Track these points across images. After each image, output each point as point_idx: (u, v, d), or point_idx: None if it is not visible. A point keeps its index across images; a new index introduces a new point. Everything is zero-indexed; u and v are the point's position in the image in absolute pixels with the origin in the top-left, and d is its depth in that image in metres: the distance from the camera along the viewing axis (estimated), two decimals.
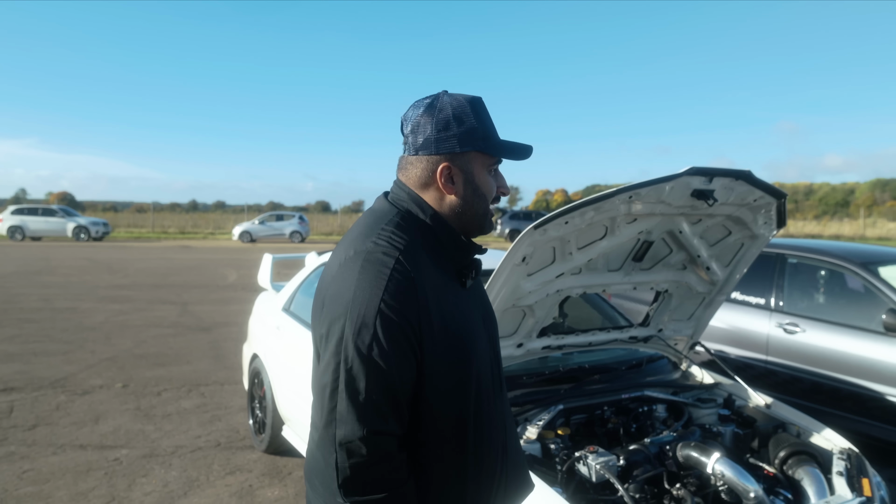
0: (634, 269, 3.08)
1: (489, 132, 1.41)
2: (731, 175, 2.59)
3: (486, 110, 1.43)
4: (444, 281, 1.39)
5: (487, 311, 1.59)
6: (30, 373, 6.57)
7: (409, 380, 1.29)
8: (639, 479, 2.51)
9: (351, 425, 1.23)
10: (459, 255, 1.45)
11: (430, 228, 1.41)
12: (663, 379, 3.41)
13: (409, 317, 1.27)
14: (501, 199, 1.48)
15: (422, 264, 1.34)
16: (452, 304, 1.38)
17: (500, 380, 1.55)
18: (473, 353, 1.41)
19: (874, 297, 4.67)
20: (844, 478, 2.65)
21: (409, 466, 1.33)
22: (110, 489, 3.99)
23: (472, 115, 1.39)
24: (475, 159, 1.41)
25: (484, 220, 1.45)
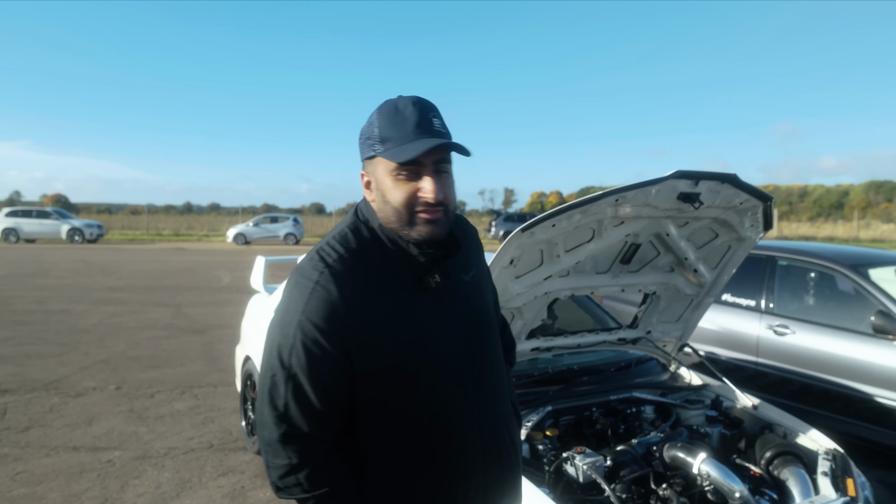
0: (622, 272, 3.11)
1: (389, 136, 1.35)
2: (716, 178, 2.62)
3: (399, 113, 1.36)
4: (392, 286, 1.40)
5: (471, 311, 1.53)
6: (23, 375, 6.57)
7: (335, 389, 1.36)
8: (625, 480, 2.54)
9: (270, 429, 1.35)
10: (409, 259, 1.42)
11: (376, 234, 1.44)
12: (652, 380, 3.43)
13: (331, 329, 1.32)
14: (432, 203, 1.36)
15: (355, 274, 1.37)
16: (395, 311, 1.38)
17: (485, 381, 1.51)
18: (423, 359, 1.40)
19: (863, 300, 4.71)
20: (829, 478, 2.68)
21: (345, 472, 1.40)
22: (103, 490, 3.99)
23: (376, 120, 1.39)
24: (379, 164, 1.39)
25: (405, 224, 1.38)
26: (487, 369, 1.53)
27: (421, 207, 1.36)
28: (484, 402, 1.51)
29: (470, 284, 1.55)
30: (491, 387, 1.54)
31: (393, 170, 1.35)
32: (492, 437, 1.52)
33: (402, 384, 1.39)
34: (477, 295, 1.57)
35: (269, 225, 32.60)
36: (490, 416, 1.52)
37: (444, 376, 1.43)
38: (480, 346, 1.53)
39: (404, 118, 1.35)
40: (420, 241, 1.39)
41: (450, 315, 1.47)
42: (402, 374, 1.38)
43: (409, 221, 1.37)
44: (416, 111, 1.35)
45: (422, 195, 1.36)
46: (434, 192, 1.35)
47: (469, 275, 1.55)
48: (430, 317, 1.43)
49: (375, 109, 1.41)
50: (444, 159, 1.38)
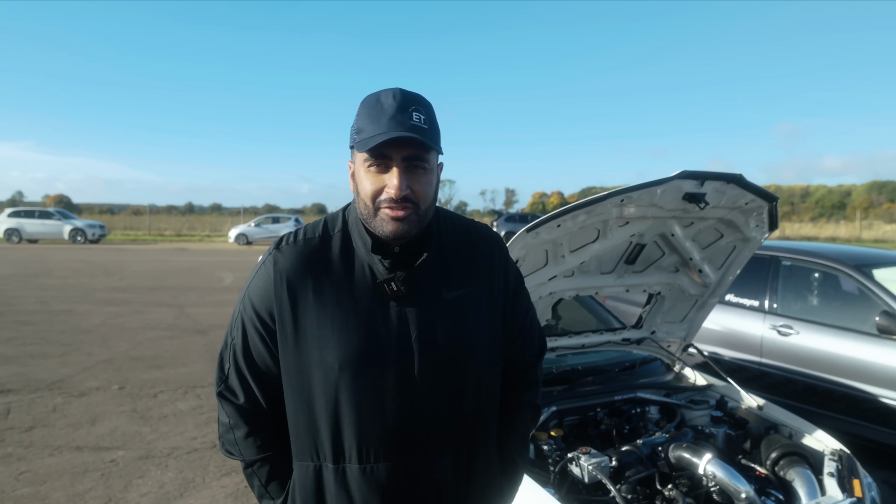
0: (627, 272, 3.10)
1: (364, 127, 1.32)
2: (722, 178, 2.61)
3: (377, 104, 1.32)
4: (338, 283, 1.38)
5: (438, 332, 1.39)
6: (27, 375, 6.58)
7: (264, 364, 1.43)
8: (631, 480, 2.53)
9: (215, 386, 1.49)
10: (370, 259, 1.39)
11: (348, 228, 1.45)
12: (656, 381, 3.43)
13: (264, 307, 1.40)
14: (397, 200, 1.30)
15: (300, 261, 1.39)
16: (334, 307, 1.36)
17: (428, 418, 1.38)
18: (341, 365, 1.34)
19: (868, 300, 4.70)
20: (835, 479, 2.67)
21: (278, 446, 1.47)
22: (107, 490, 3.99)
23: (358, 110, 1.37)
24: (356, 156, 1.37)
25: (371, 219, 1.35)
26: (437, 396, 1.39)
27: (385, 203, 1.31)
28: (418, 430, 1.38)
29: (451, 303, 1.41)
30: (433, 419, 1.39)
31: (364, 161, 1.32)
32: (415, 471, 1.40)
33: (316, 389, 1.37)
34: (456, 316, 1.41)
35: (271, 225, 32.62)
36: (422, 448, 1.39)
37: (370, 398, 1.35)
38: (434, 370, 1.38)
39: (382, 110, 1.30)
40: (385, 237, 1.34)
41: (403, 330, 1.37)
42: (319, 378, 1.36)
43: (374, 215, 1.34)
44: (395, 103, 1.30)
45: (386, 190, 1.31)
46: (396, 188, 1.29)
47: (455, 293, 1.42)
48: (374, 327, 1.36)
49: (362, 101, 1.38)
50: (416, 156, 1.31)
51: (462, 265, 1.45)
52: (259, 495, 1.50)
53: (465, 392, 1.42)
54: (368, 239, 1.38)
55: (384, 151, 1.29)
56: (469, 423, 1.44)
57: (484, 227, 1.56)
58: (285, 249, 1.41)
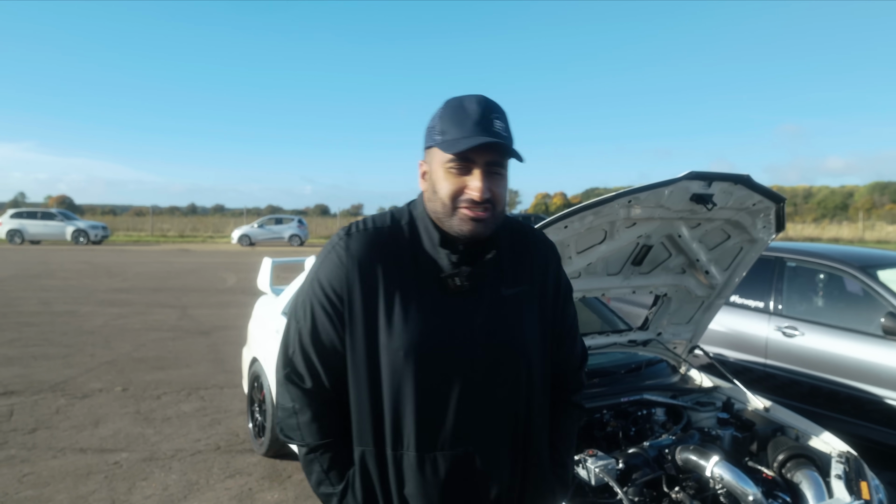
0: (633, 273, 3.09)
1: (448, 129, 1.37)
2: (729, 179, 2.60)
3: (462, 109, 1.37)
4: (406, 273, 1.41)
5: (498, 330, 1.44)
6: (29, 376, 6.57)
7: (332, 348, 1.43)
8: (638, 483, 2.52)
9: (279, 370, 1.49)
10: (436, 253, 1.42)
11: (415, 223, 1.47)
12: (662, 382, 3.41)
13: (335, 292, 1.41)
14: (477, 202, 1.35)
15: (371, 249, 1.42)
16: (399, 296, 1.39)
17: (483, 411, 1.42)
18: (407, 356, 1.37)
19: (873, 301, 4.68)
20: (843, 481, 2.66)
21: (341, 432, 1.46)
22: (110, 493, 3.99)
23: (440, 112, 1.41)
24: (435, 155, 1.40)
25: (447, 218, 1.39)
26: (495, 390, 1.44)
27: (465, 204, 1.36)
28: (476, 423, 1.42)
29: (509, 300, 1.47)
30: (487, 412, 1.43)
31: (446, 162, 1.36)
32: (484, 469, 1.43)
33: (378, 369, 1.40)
34: (513, 313, 1.47)
35: (274, 226, 32.66)
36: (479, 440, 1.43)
37: (433, 387, 1.39)
38: (492, 364, 1.43)
39: (466, 114, 1.36)
40: (462, 236, 1.39)
41: (465, 324, 1.41)
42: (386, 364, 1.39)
43: (451, 214, 1.38)
44: (479, 109, 1.36)
45: (468, 191, 1.36)
46: (480, 190, 1.34)
47: (513, 290, 1.48)
48: (439, 319, 1.40)
49: (443, 104, 1.43)
50: (497, 161, 1.37)
51: (518, 265, 1.51)
52: (318, 482, 1.48)
53: (520, 388, 1.47)
54: (436, 234, 1.43)
55: (469, 155, 1.34)
56: (523, 420, 1.48)
57: (540, 233, 1.64)
58: (356, 236, 1.44)
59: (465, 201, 1.36)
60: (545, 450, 1.56)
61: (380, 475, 1.43)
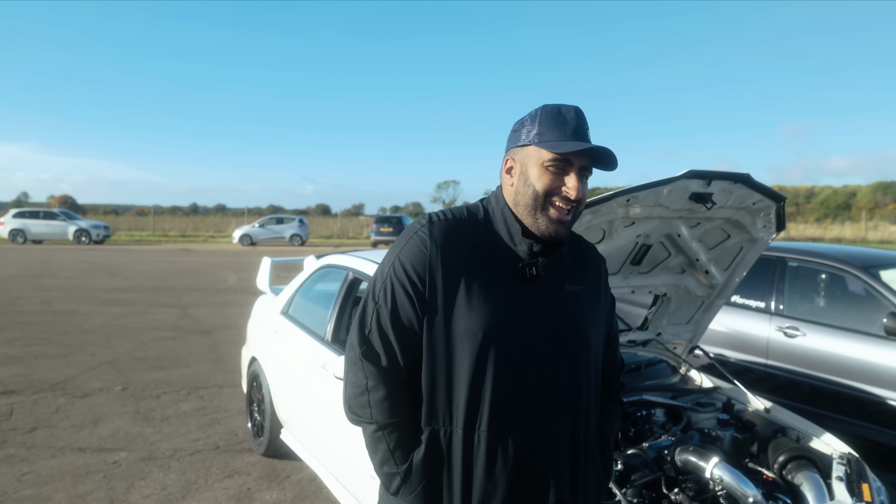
0: (633, 273, 3.07)
1: (549, 131, 1.47)
2: (729, 178, 2.58)
3: (561, 115, 1.48)
4: (486, 261, 1.49)
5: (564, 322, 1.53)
6: (30, 375, 6.57)
7: (411, 329, 1.49)
8: (637, 484, 2.51)
9: (353, 349, 1.53)
10: (513, 244, 1.51)
11: (491, 217, 1.56)
12: (662, 383, 3.40)
13: (417, 274, 1.48)
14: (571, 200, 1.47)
15: (454, 237, 1.50)
16: (480, 283, 1.46)
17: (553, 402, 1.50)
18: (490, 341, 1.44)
19: (875, 301, 4.66)
20: (844, 483, 2.64)
21: (410, 412, 1.51)
22: (109, 492, 3.98)
23: (539, 115, 1.50)
24: (532, 153, 1.49)
25: (535, 214, 1.48)
26: (558, 380, 1.51)
27: (558, 201, 1.47)
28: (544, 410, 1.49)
29: (573, 296, 1.56)
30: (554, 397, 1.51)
31: (546, 160, 1.46)
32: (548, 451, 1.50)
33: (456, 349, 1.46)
34: (577, 309, 1.57)
35: (275, 226, 32.67)
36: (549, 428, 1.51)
37: (503, 361, 1.46)
38: (560, 359, 1.51)
39: (566, 120, 1.47)
40: (544, 234, 1.49)
41: (535, 310, 1.50)
42: (459, 338, 1.45)
43: (542, 210, 1.48)
44: (577, 118, 1.48)
45: (565, 190, 1.47)
46: (576, 189, 1.46)
47: (575, 287, 1.57)
48: (514, 305, 1.48)
49: (540, 107, 1.52)
50: (588, 167, 1.49)
51: (578, 266, 1.62)
52: (382, 461, 1.52)
53: (582, 378, 1.56)
54: (517, 225, 1.52)
55: (570, 157, 1.45)
56: (584, 408, 1.57)
57: (593, 247, 1.75)
58: (438, 224, 1.52)
59: (559, 198, 1.47)
60: (596, 441, 1.65)
61: (448, 455, 1.48)
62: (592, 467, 1.61)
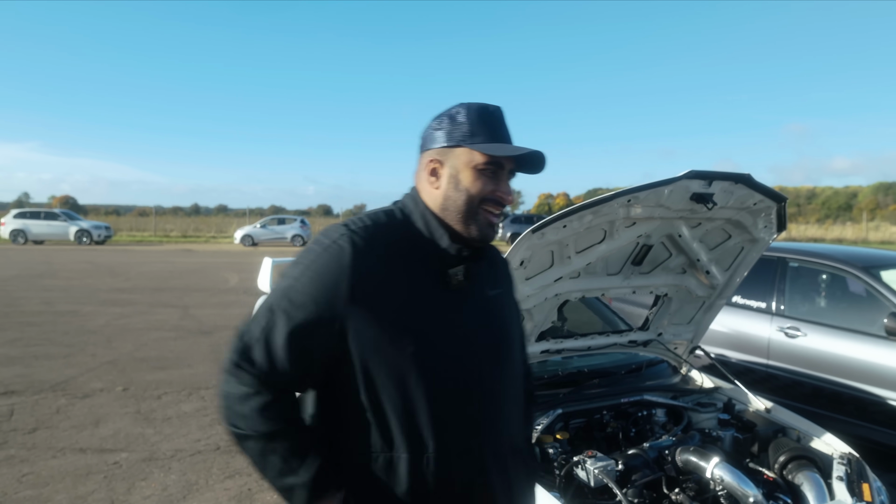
0: (634, 273, 3.07)
1: (480, 132, 1.39)
2: (730, 178, 2.58)
3: (490, 115, 1.42)
4: (411, 271, 1.38)
5: (491, 326, 1.48)
6: (30, 376, 6.57)
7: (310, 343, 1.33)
8: (637, 484, 2.50)
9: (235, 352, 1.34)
10: (437, 250, 1.42)
11: (413, 222, 1.45)
12: (663, 383, 3.40)
13: (333, 285, 1.32)
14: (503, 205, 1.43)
15: (375, 246, 1.36)
16: (408, 294, 1.36)
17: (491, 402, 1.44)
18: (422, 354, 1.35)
19: (876, 301, 4.65)
20: (844, 483, 2.63)
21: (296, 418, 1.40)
22: (109, 493, 3.98)
23: (465, 113, 1.41)
24: (462, 155, 1.40)
25: (468, 220, 1.41)
26: (496, 388, 1.47)
27: (490, 205, 1.42)
28: (487, 424, 1.44)
29: (494, 299, 1.52)
30: (497, 408, 1.46)
31: (479, 163, 1.39)
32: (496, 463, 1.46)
33: (393, 367, 1.34)
34: (500, 314, 1.53)
35: (277, 226, 32.68)
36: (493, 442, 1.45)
37: (443, 377, 1.37)
38: (493, 362, 1.46)
39: (495, 120, 1.42)
40: (475, 239, 1.43)
41: (466, 318, 1.43)
42: (396, 359, 1.34)
43: (473, 215, 1.41)
44: (502, 119, 1.44)
45: (499, 194, 1.41)
46: (509, 193, 1.43)
47: (495, 291, 1.53)
48: (444, 313, 1.40)
49: (460, 105, 1.44)
50: (514, 170, 1.45)
51: (493, 268, 1.57)
52: (279, 473, 1.34)
53: (513, 382, 1.53)
54: (442, 230, 1.43)
55: (502, 160, 1.40)
56: (516, 415, 1.54)
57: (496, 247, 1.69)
58: (360, 231, 1.37)
59: (491, 202, 1.41)
60: (526, 444, 1.64)
61: (391, 483, 1.36)
62: (525, 471, 1.58)
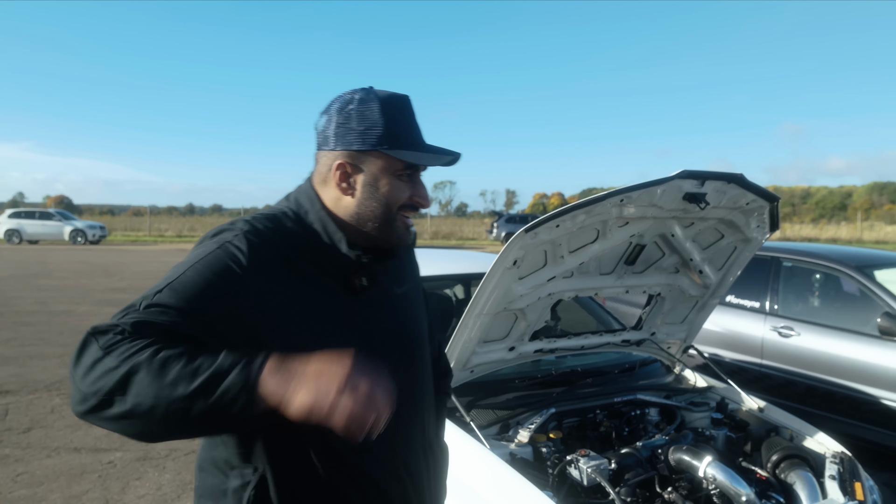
0: (627, 273, 3.08)
1: (399, 133, 1.29)
2: (722, 178, 2.59)
3: (405, 111, 1.32)
4: (308, 278, 1.29)
5: (400, 325, 1.43)
6: (25, 376, 6.56)
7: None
8: (630, 483, 2.51)
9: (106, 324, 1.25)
10: (337, 256, 1.32)
11: (310, 225, 1.33)
12: (656, 382, 3.40)
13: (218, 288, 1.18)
14: (421, 209, 1.35)
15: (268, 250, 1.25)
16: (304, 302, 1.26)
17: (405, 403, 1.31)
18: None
19: (869, 301, 4.68)
20: (837, 481, 2.65)
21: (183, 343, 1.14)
22: (104, 492, 3.98)
23: (378, 111, 1.28)
24: (378, 160, 1.30)
25: (385, 228, 1.34)
26: (410, 391, 1.40)
27: (407, 210, 1.35)
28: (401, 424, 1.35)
29: (402, 298, 1.46)
30: (413, 410, 1.42)
31: (398, 169, 1.30)
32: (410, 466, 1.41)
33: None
34: (408, 310, 1.48)
35: None
36: (408, 441, 1.41)
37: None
38: (406, 364, 1.40)
39: (409, 119, 1.32)
40: (393, 244, 1.37)
41: (373, 323, 1.37)
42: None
43: (391, 223, 1.33)
44: (412, 111, 1.35)
45: (417, 199, 1.34)
46: (427, 198, 1.36)
47: (402, 288, 1.48)
48: (347, 320, 1.32)
49: (365, 94, 1.30)
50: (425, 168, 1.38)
51: (399, 263, 1.48)
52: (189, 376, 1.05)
53: (425, 382, 1.50)
54: (340, 235, 1.32)
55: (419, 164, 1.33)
56: (428, 412, 1.50)
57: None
58: (252, 233, 1.26)
59: (408, 208, 1.34)
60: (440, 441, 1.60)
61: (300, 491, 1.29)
62: (439, 467, 1.56)
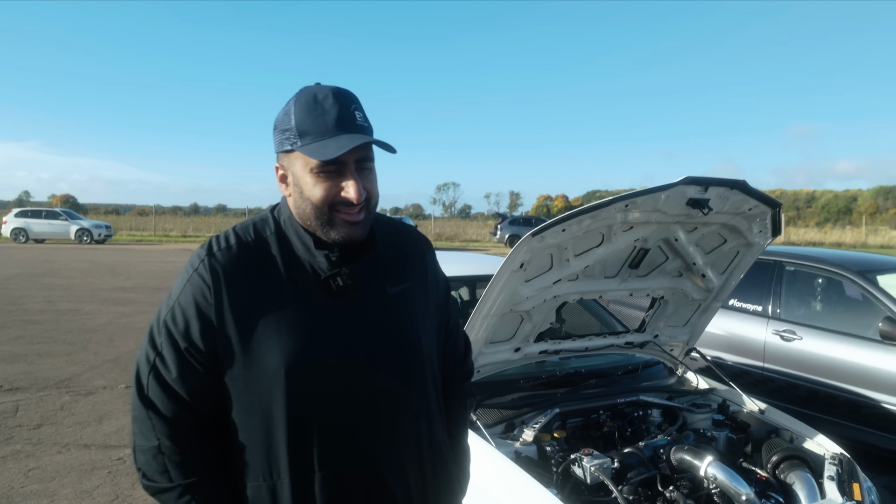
0: (631, 276, 3.13)
1: (307, 130, 1.27)
2: (725, 184, 2.64)
3: (321, 107, 1.27)
4: (285, 285, 1.31)
5: (390, 326, 1.39)
6: (34, 373, 6.63)
7: (190, 375, 1.29)
8: (632, 482, 2.55)
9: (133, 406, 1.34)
10: (313, 259, 1.33)
11: (283, 231, 1.37)
12: (659, 384, 3.45)
13: (197, 318, 1.27)
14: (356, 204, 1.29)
15: (239, 267, 1.30)
16: (281, 310, 1.29)
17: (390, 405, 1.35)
18: (303, 365, 1.28)
19: (871, 306, 4.71)
20: (835, 482, 2.69)
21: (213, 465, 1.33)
22: (114, 487, 4.04)
23: (293, 110, 1.29)
24: (297, 159, 1.30)
25: (324, 226, 1.31)
26: (398, 391, 1.37)
27: (342, 208, 1.29)
28: (384, 428, 1.35)
29: (395, 297, 1.41)
30: (400, 409, 1.38)
31: (314, 167, 1.27)
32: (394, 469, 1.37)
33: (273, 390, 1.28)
34: (402, 310, 1.42)
35: None
36: (392, 444, 1.36)
37: (330, 388, 1.30)
38: (393, 364, 1.37)
39: (324, 110, 1.27)
40: (339, 242, 1.32)
41: (357, 324, 1.34)
42: (276, 386, 1.27)
43: (328, 221, 1.30)
44: (337, 103, 1.28)
45: (344, 195, 1.28)
46: (357, 193, 1.28)
47: (397, 287, 1.42)
48: (325, 323, 1.31)
49: (292, 97, 1.32)
50: (367, 157, 1.31)
51: (398, 261, 1.46)
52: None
53: (419, 384, 1.42)
54: (308, 237, 1.34)
55: (340, 157, 1.25)
56: (425, 415, 1.43)
57: (413, 229, 1.58)
58: (220, 253, 1.31)
59: (342, 205, 1.29)
60: (446, 442, 1.53)
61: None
62: (443, 470, 1.50)
